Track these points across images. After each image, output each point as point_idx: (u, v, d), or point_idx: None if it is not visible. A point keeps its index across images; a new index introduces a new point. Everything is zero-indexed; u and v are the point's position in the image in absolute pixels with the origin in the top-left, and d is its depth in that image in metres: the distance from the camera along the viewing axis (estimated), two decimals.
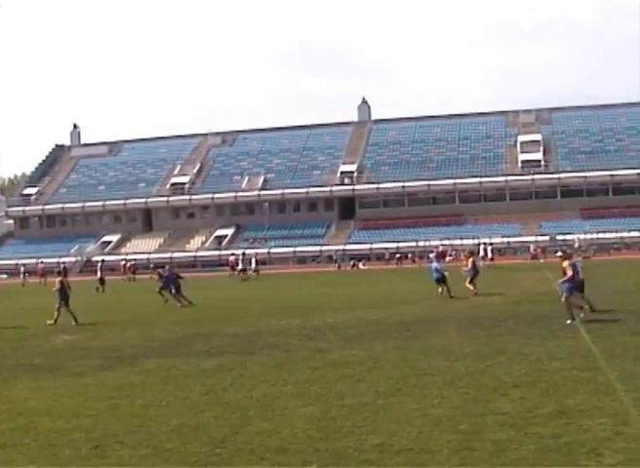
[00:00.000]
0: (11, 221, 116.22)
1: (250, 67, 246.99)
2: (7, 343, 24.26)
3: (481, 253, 66.19)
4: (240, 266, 64.92)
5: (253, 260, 66.99)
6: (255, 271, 64.84)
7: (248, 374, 16.42)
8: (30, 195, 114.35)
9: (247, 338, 22.72)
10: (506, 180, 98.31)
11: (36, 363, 19.74)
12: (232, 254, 75.53)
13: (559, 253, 24.94)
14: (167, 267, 40.09)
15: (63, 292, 29.71)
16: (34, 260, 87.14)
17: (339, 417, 12.02)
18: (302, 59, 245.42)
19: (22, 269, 78.71)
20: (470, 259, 35.45)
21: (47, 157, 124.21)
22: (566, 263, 23.19)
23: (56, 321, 29.33)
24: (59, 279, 30.08)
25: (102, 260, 59.41)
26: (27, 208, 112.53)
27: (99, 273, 55.50)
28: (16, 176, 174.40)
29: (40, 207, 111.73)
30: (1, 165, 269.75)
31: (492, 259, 66.79)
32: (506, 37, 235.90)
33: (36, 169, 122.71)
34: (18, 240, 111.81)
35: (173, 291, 36.53)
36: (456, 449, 9.94)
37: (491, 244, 74.34)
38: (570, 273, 22.79)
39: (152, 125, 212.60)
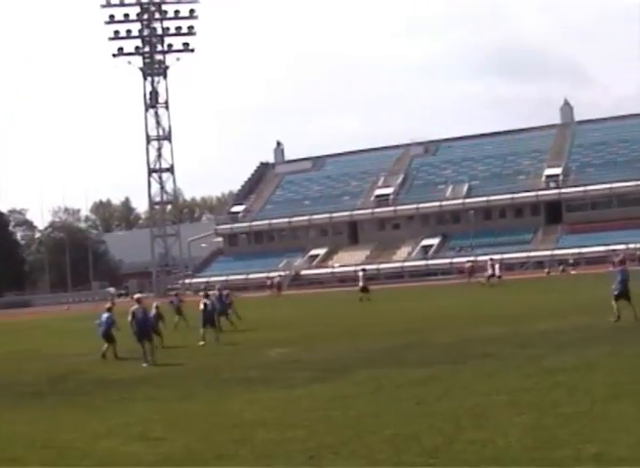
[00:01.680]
0: (220, 239, 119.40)
1: (448, 76, 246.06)
2: (222, 357, 24.88)
3: None
4: (489, 272, 63.58)
5: (497, 266, 65.27)
6: (497, 277, 63.39)
7: (459, 384, 16.23)
8: (238, 213, 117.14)
9: (457, 347, 22.48)
10: None
11: (250, 375, 20.16)
12: (468, 261, 74.68)
13: None
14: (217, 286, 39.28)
15: (207, 312, 29.93)
16: (242, 276, 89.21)
17: (554, 426, 11.69)
18: (498, 65, 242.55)
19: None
20: None
21: (252, 175, 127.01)
22: None
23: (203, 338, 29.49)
24: (203, 301, 30.34)
25: (364, 269, 58.74)
26: (235, 225, 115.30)
27: (361, 282, 54.39)
28: (223, 195, 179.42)
29: (247, 224, 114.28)
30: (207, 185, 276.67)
31: None
32: None
33: (242, 187, 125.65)
34: (227, 256, 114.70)
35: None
36: None
37: None
38: None
39: (354, 138, 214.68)
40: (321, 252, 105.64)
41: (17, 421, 15.88)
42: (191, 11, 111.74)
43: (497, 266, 63.80)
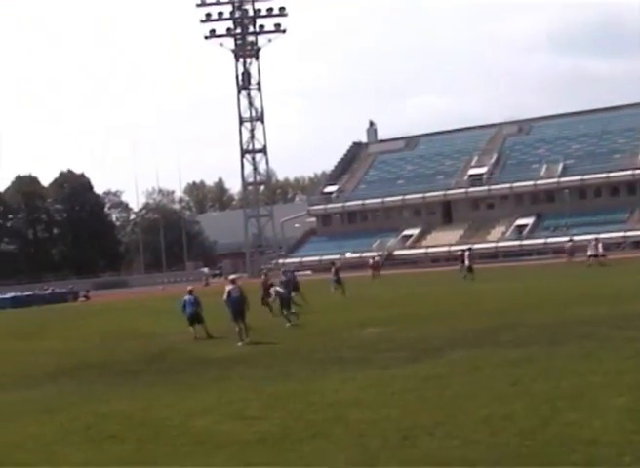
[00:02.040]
0: (313, 219, 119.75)
1: (541, 53, 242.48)
2: (317, 337, 24.95)
3: None
4: (591, 251, 62.56)
5: (600, 245, 64.05)
6: (602, 256, 62.34)
7: (556, 365, 16.01)
8: (331, 193, 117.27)
9: (553, 328, 22.15)
10: None
11: (344, 355, 20.17)
12: (569, 240, 73.62)
13: None
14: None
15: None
16: (337, 256, 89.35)
17: None
18: (592, 41, 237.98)
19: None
20: None
21: (345, 155, 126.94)
22: None
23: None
24: (263, 278, 30.36)
25: (470, 248, 58.48)
26: (329, 205, 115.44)
27: (467, 262, 54.18)
28: (316, 175, 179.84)
29: (341, 204, 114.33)
30: (300, 166, 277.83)
31: None
32: None
33: (335, 167, 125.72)
34: (320, 237, 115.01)
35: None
36: None
37: None
38: None
39: (447, 117, 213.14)
40: (414, 232, 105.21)
41: (114, 399, 16.17)
42: None
43: (600, 246, 62.83)
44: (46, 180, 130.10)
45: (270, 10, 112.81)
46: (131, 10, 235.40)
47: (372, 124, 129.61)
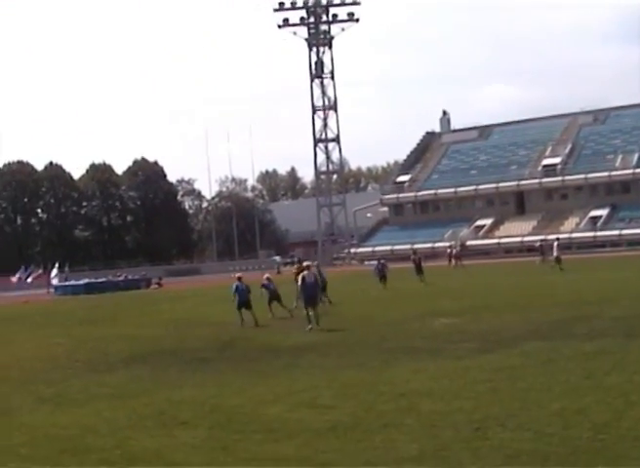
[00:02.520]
0: (385, 208, 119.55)
1: (617, 43, 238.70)
2: (388, 326, 24.90)
3: None
4: None
5: None
6: None
7: (630, 358, 15.79)
8: (404, 182, 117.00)
9: (628, 321, 21.83)
10: None
11: (416, 345, 20.09)
12: None
13: None
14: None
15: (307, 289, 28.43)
16: (408, 246, 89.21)
17: None
18: None
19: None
20: None
21: (418, 144, 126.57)
22: None
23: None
24: (295, 267, 30.46)
25: (558, 238, 58.20)
26: (401, 195, 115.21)
27: (555, 252, 53.91)
28: (389, 165, 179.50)
29: (413, 193, 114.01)
30: (373, 155, 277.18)
31: None
32: None
33: (408, 156, 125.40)
34: (392, 226, 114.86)
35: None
36: None
37: None
38: None
39: (521, 107, 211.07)
40: (487, 222, 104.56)
41: (186, 386, 16.29)
42: None
43: None
44: (120, 168, 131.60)
45: None
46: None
47: (445, 113, 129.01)
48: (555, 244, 54.43)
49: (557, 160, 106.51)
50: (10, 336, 30.81)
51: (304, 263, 29.80)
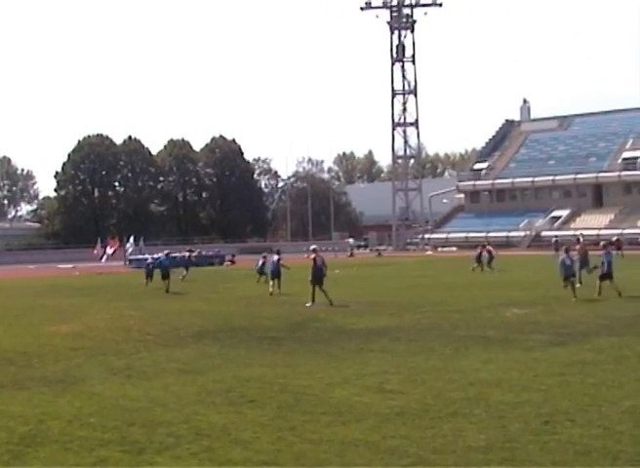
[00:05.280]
0: (461, 195, 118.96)
1: None
2: (460, 314, 24.77)
3: None
4: None
5: None
6: None
7: None
8: (481, 170, 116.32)
9: None
10: None
11: (487, 335, 19.97)
12: None
13: None
14: None
15: (316, 270, 29.64)
16: (483, 234, 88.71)
17: None
18: None
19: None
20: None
21: (497, 132, 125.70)
22: None
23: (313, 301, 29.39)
24: (312, 256, 30.33)
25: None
26: (478, 182, 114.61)
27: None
28: (466, 152, 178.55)
29: (490, 181, 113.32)
30: (453, 141, 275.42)
31: None
32: None
33: (486, 144, 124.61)
34: (468, 213, 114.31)
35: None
36: None
37: None
38: None
39: (603, 98, 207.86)
40: (563, 213, 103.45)
41: (255, 364, 16.38)
42: None
43: None
44: (198, 145, 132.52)
45: None
46: None
47: (525, 102, 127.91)
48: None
49: (638, 153, 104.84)
50: (83, 307, 31.25)
51: (312, 247, 31.40)
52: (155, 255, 46.37)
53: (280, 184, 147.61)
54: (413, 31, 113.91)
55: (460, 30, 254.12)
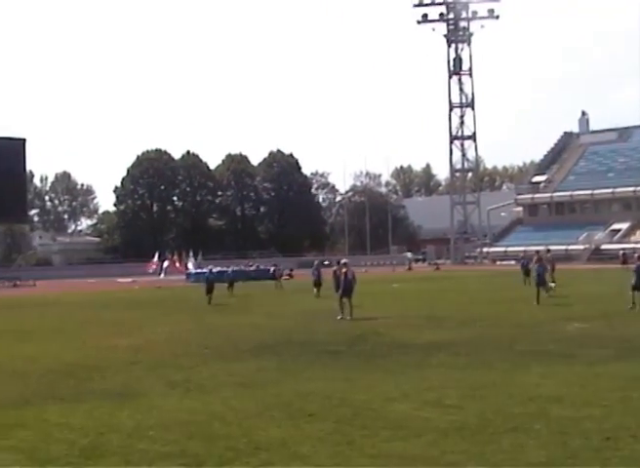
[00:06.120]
0: (520, 209, 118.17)
1: None
2: (521, 329, 24.57)
3: None
4: None
5: None
6: None
7: None
8: (539, 183, 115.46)
9: None
10: None
11: (547, 349, 19.76)
12: None
13: None
14: None
15: (346, 284, 30.06)
16: (542, 247, 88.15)
17: None
18: None
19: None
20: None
21: (555, 145, 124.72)
22: None
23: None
24: (343, 270, 30.50)
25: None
26: (536, 195, 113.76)
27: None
28: (524, 164, 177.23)
29: (549, 194, 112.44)
30: (509, 154, 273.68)
31: None
32: None
33: (545, 156, 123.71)
34: (526, 227, 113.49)
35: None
36: None
37: None
38: None
39: None
40: (623, 226, 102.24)
41: (314, 378, 16.36)
42: None
43: None
44: (255, 159, 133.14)
45: None
46: None
47: (584, 114, 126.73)
48: None
49: None
50: (142, 321, 31.56)
51: (342, 261, 32.62)
52: (219, 269, 46.96)
53: (338, 198, 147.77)
54: (470, 44, 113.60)
55: (518, 42, 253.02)
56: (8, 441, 11.80)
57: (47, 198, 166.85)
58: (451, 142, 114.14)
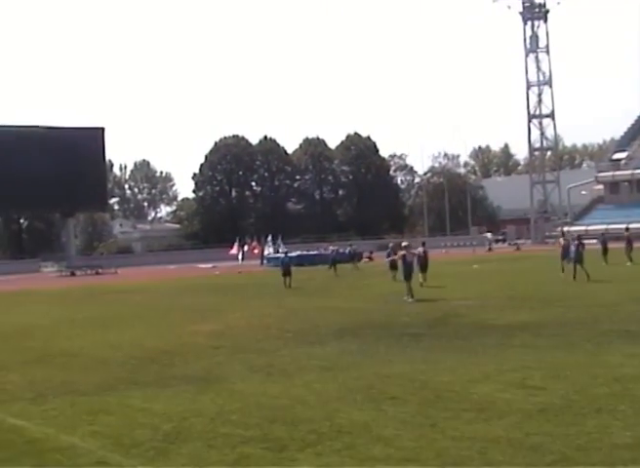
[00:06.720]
0: (601, 187, 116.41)
1: None
2: (603, 308, 24.23)
3: None
4: None
5: None
6: None
7: None
8: (620, 160, 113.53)
9: None
10: None
11: (631, 329, 19.44)
12: None
13: None
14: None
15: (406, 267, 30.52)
16: (623, 226, 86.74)
17: None
18: None
19: None
20: None
21: (636, 121, 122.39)
22: None
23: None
24: (402, 252, 30.27)
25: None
26: (617, 172, 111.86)
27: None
28: (605, 142, 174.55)
29: (630, 171, 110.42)
30: (590, 131, 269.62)
31: None
32: None
33: (625, 133, 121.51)
34: (607, 205, 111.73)
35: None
36: None
37: None
38: None
39: None
40: None
41: (396, 361, 16.35)
42: None
43: None
44: (333, 143, 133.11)
45: None
46: None
47: None
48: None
49: None
50: (224, 306, 31.79)
51: (403, 244, 32.70)
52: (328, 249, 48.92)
53: (416, 180, 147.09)
54: (546, 21, 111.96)
55: (595, 17, 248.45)
56: (93, 426, 12.01)
57: (126, 186, 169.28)
58: (529, 121, 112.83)
